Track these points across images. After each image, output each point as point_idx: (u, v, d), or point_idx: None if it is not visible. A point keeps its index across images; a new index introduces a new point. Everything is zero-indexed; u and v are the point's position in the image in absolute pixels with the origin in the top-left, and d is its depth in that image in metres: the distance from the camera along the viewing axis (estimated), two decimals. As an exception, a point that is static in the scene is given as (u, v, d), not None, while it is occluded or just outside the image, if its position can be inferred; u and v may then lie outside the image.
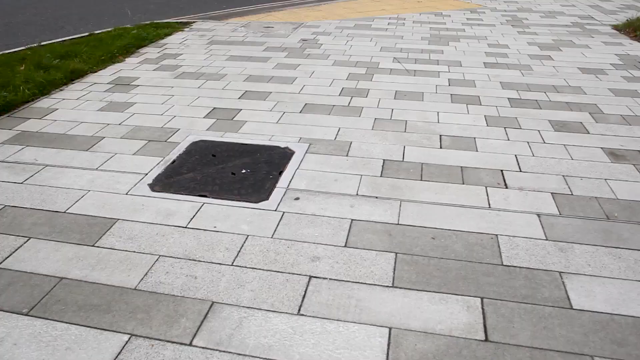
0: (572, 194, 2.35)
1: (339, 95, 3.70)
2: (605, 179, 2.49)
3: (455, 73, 4.26)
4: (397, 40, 5.35)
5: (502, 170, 2.57)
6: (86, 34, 5.59)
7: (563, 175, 2.52)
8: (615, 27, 6.08)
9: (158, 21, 6.18)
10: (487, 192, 2.37)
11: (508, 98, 3.66)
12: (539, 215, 2.17)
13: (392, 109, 3.42)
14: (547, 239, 2.00)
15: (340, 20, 6.31)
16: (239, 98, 3.65)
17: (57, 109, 3.49)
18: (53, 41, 5.29)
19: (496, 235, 2.03)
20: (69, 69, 4.18)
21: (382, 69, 4.34)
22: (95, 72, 4.34)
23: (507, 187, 2.41)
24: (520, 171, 2.57)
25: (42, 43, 5.12)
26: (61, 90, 3.89)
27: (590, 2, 7.92)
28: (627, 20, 6.20)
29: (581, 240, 2.00)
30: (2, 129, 3.16)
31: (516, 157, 2.72)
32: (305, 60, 4.61)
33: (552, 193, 2.36)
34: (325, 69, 4.33)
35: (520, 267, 1.84)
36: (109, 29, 5.72)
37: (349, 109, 3.44)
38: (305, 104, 3.52)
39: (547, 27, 6.15)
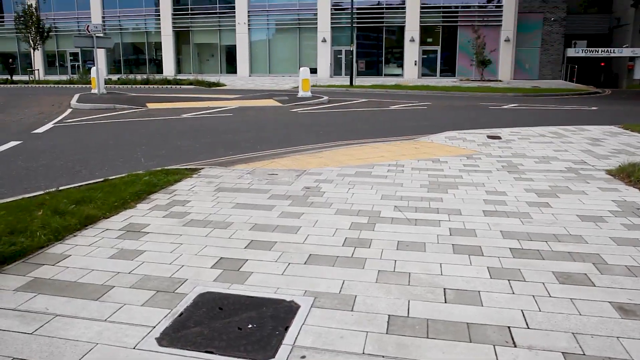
0: (584, 354, 2.35)
1: (343, 245, 3.82)
2: (617, 337, 2.50)
3: (455, 222, 4.42)
4: (397, 188, 5.63)
5: (509, 327, 2.59)
6: (101, 179, 5.90)
7: (573, 333, 2.54)
8: (609, 172, 6.38)
9: (168, 167, 6.56)
10: (495, 351, 2.37)
11: (510, 248, 3.78)
12: (550, 378, 2.16)
13: (395, 260, 3.52)
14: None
15: (341, 167, 6.68)
16: (244, 248, 3.77)
17: (70, 255, 3.60)
18: (70, 186, 5.57)
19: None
20: (84, 215, 4.38)
21: (383, 218, 4.52)
22: (108, 218, 4.53)
23: (515, 346, 2.42)
24: (528, 328, 2.59)
25: (60, 188, 5.39)
26: (75, 235, 4.03)
27: (582, 147, 8.40)
28: (620, 165, 6.51)
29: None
30: (17, 275, 3.25)
31: (522, 313, 2.75)
32: (309, 208, 4.82)
33: (563, 353, 2.36)
34: (328, 218, 4.51)
35: None
36: (123, 175, 6.06)
37: (353, 260, 3.54)
38: (310, 254, 3.63)
39: (542, 172, 6.48)
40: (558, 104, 17.67)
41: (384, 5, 31.75)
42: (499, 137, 9.41)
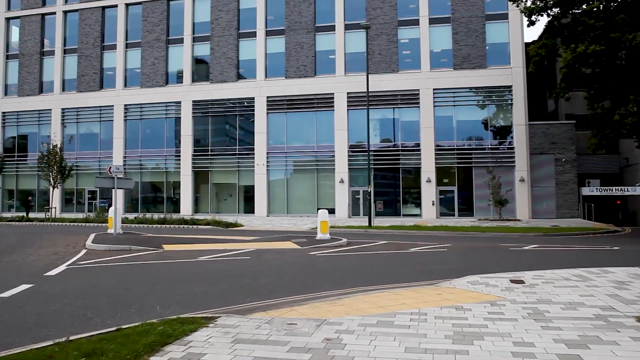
0: None
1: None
2: None
3: (484, 380, 4.30)
4: (421, 340, 5.54)
5: None
6: (114, 328, 5.92)
7: None
8: (640, 319, 6.26)
9: (183, 316, 6.57)
10: None
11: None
12: None
13: None
14: None
15: (362, 316, 6.63)
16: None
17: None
18: (80, 336, 5.59)
19: None
20: (94, 371, 4.35)
21: (408, 375, 4.42)
22: (119, 374, 4.48)
23: None
24: None
25: (70, 338, 5.40)
26: (84, 395, 3.98)
27: (608, 291, 8.27)
28: (650, 313, 6.40)
29: None
30: None
31: None
32: (330, 363, 4.74)
33: None
34: (351, 374, 4.42)
35: None
36: (136, 324, 6.07)
37: None
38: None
39: (570, 320, 6.35)
40: (579, 244, 17.66)
41: (400, 148, 33.39)
42: (522, 282, 9.34)
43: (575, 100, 31.81)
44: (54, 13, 40.61)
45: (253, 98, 35.61)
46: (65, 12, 40.45)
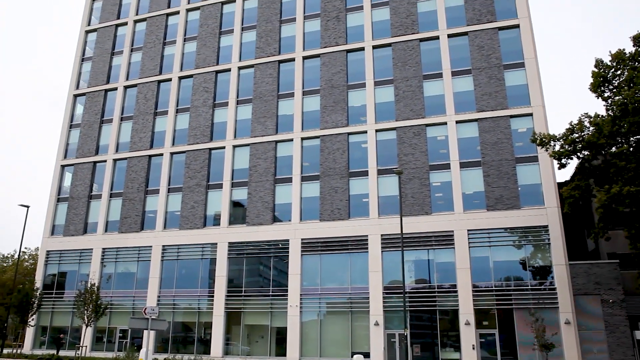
0: None
1: None
2: None
3: None
4: None
5: None
6: None
7: None
8: None
9: None
10: None
11: None
12: None
13: None
14: None
15: None
16: None
17: None
18: None
19: None
20: None
21: None
22: None
23: None
24: None
25: None
26: None
27: None
28: None
29: None
30: None
31: None
32: None
33: None
34: None
35: None
36: None
37: None
38: None
39: None
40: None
41: (436, 289, 33.24)
42: None
43: (616, 239, 31.77)
44: (105, 161, 44.32)
45: (288, 240, 36.85)
46: (115, 160, 44.11)
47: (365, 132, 37.61)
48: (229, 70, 43.22)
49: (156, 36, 46.82)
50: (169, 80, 44.88)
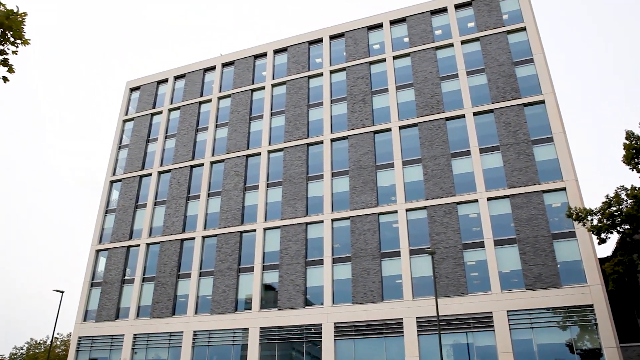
0: None
1: None
2: None
3: None
4: None
5: None
6: None
7: None
8: None
9: None
10: None
11: None
12: None
13: None
14: None
15: None
16: None
17: None
18: None
19: None
20: None
21: None
22: None
23: None
24: None
25: None
26: None
27: None
28: None
29: None
30: None
31: None
32: None
33: None
34: None
35: None
36: None
37: None
38: None
39: None
40: None
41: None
42: None
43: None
44: (138, 245, 44.82)
45: (320, 324, 35.89)
46: (148, 244, 44.58)
47: (396, 211, 37.30)
48: (259, 154, 44.18)
49: (189, 123, 48.58)
50: (201, 165, 46.03)
